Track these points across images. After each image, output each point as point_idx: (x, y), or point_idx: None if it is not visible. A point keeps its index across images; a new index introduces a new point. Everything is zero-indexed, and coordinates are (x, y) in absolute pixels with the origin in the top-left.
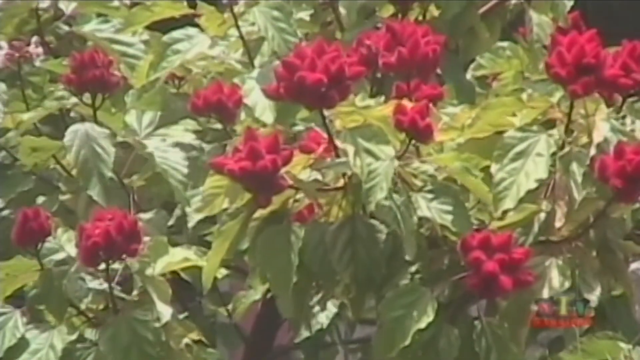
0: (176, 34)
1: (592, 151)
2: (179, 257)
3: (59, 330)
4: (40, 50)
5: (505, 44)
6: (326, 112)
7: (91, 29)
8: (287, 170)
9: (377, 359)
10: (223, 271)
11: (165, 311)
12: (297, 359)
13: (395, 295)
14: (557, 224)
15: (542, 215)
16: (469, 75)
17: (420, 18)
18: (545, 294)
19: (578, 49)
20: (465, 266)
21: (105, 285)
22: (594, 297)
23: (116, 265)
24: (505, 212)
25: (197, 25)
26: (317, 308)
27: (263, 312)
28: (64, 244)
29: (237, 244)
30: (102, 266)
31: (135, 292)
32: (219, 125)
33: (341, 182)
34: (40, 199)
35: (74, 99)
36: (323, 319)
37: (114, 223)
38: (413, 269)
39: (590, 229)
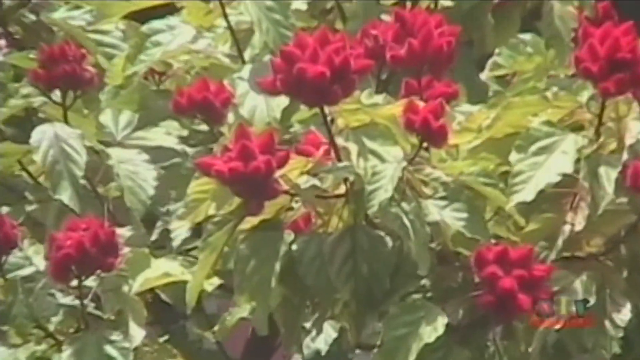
0: (156, 24)
1: (625, 156)
2: (160, 271)
3: (26, 347)
4: (3, 42)
5: (526, 36)
6: (328, 110)
7: (62, 17)
8: (282, 173)
9: None
10: (209, 286)
11: (137, 334)
12: None
13: (399, 311)
14: (577, 228)
15: (567, 228)
16: (485, 75)
17: (432, 8)
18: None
19: (612, 42)
20: (480, 283)
21: (77, 303)
22: (623, 316)
23: (90, 281)
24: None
25: (179, 15)
26: (313, 330)
27: (254, 335)
28: (32, 256)
29: (225, 257)
30: (75, 282)
31: (110, 311)
32: (204, 127)
33: (342, 189)
34: (4, 210)
35: (41, 98)
36: (321, 343)
37: (89, 233)
38: (420, 284)
39: (620, 245)
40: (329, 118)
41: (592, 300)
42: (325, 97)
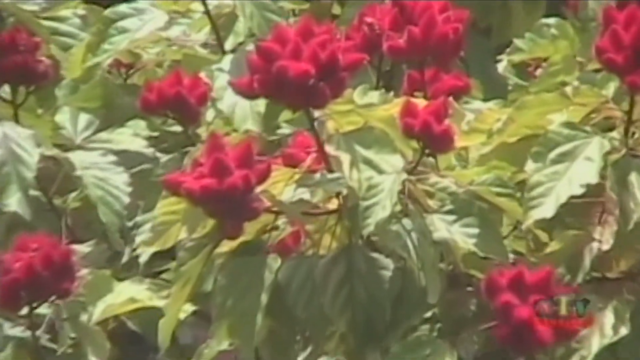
0: (122, 7)
1: None
2: (124, 296)
3: None
4: None
5: (550, 20)
6: (315, 113)
7: (11, 0)
8: (263, 189)
9: None
10: (182, 313)
11: None
12: None
13: (404, 348)
14: (604, 247)
15: (594, 246)
16: (503, 64)
17: None
18: (595, 345)
19: (639, 27)
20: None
21: (28, 334)
22: None
23: (43, 309)
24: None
25: None
26: None
27: None
28: None
29: (201, 286)
30: (25, 310)
31: (66, 343)
32: (178, 128)
33: (334, 204)
34: None
35: None
36: None
37: (40, 253)
38: (428, 315)
39: None
40: (317, 122)
41: (625, 330)
42: (311, 98)
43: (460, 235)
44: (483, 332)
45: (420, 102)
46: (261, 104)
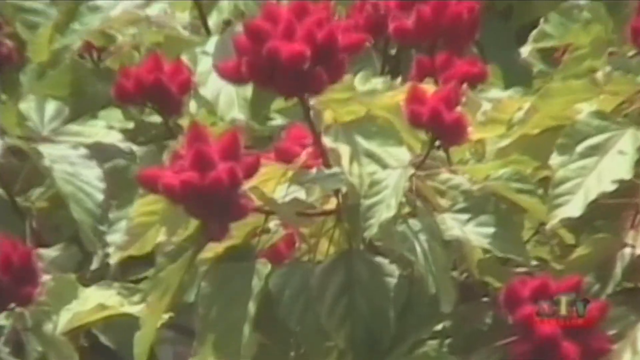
0: None
1: None
2: (92, 302)
3: None
4: None
5: (581, 1)
6: (311, 101)
7: None
8: (253, 185)
9: None
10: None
11: None
12: None
13: None
14: (638, 252)
15: (627, 252)
16: (527, 49)
17: None
18: None
19: None
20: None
21: None
22: None
23: (2, 318)
24: (572, 247)
25: None
26: None
27: None
28: None
29: (182, 296)
30: None
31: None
32: (157, 119)
33: (332, 204)
34: None
35: None
36: None
37: None
38: (437, 328)
39: None
40: (312, 112)
41: None
42: (306, 84)
43: (475, 235)
44: (500, 349)
45: (429, 88)
46: (249, 90)
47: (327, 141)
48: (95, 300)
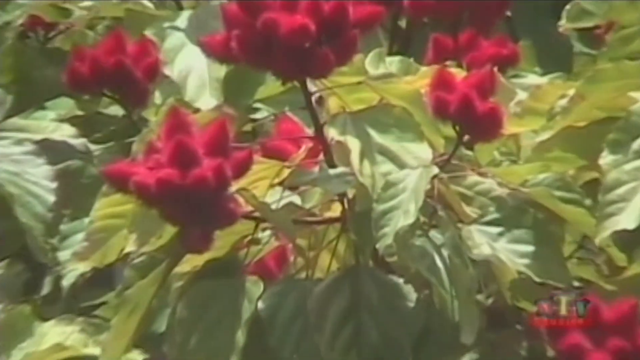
0: None
1: None
2: (49, 341)
3: None
4: None
5: None
6: (314, 86)
7: None
8: (241, 187)
9: None
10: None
11: None
12: None
13: None
14: None
15: None
16: (563, 28)
17: None
18: None
19: None
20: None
21: None
22: None
23: None
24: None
25: None
26: None
27: None
28: None
29: (153, 319)
30: None
31: None
32: (118, 110)
33: (337, 210)
34: None
35: None
36: None
37: None
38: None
39: None
40: (315, 98)
41: None
42: (309, 65)
43: (508, 254)
44: None
45: (457, 73)
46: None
47: (332, 133)
48: (53, 339)
